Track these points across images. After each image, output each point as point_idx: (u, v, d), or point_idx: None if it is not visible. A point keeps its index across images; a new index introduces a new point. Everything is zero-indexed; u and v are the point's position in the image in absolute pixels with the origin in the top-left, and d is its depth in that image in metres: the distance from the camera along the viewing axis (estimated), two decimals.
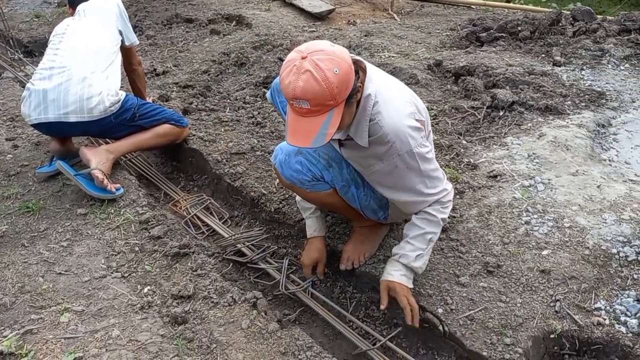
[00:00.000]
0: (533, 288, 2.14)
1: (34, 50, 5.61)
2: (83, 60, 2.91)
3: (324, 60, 1.65)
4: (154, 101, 3.66)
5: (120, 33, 3.19)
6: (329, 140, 1.73)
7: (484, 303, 2.11)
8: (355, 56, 1.88)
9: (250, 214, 3.00)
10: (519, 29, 4.75)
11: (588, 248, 2.27)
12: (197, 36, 5.41)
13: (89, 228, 2.61)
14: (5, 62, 4.89)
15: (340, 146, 2.10)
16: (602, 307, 2.04)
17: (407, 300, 2.03)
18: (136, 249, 2.49)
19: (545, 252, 2.28)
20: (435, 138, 3.19)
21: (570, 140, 3.01)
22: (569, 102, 3.49)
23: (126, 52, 3.31)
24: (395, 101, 1.92)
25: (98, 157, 2.84)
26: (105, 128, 2.97)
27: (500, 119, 3.38)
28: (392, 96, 1.92)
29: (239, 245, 2.69)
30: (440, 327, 2.05)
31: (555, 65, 4.10)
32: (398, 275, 2.04)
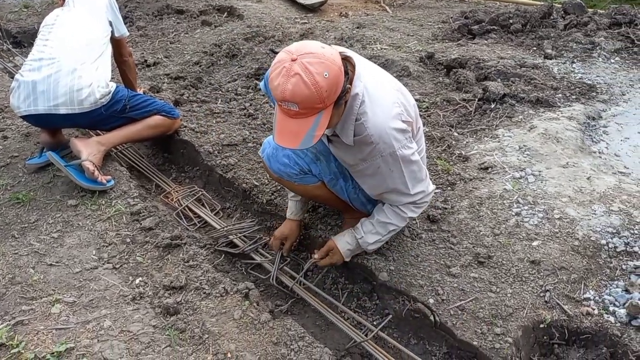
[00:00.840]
0: (523, 278, 2.16)
1: (23, 40, 5.55)
2: (72, 51, 2.88)
3: (314, 63, 1.64)
4: (144, 92, 3.64)
5: (110, 24, 3.16)
6: (315, 142, 1.74)
7: (474, 293, 2.12)
8: (345, 51, 1.88)
9: (242, 205, 3.00)
10: (511, 21, 4.77)
11: (577, 239, 2.29)
12: (188, 27, 5.38)
13: (79, 219, 2.60)
14: None
15: (328, 142, 2.10)
16: (591, 297, 2.06)
17: (329, 262, 2.29)
18: (127, 240, 2.48)
19: (535, 243, 2.30)
20: (427, 130, 3.20)
21: (561, 132, 3.03)
22: (560, 95, 3.51)
23: (116, 44, 3.28)
24: (382, 101, 1.92)
25: (89, 149, 2.83)
26: (95, 120, 2.94)
27: (492, 112, 3.40)
28: (379, 96, 1.92)
29: (231, 236, 2.69)
30: (431, 317, 2.07)
31: (547, 58, 4.12)
32: (345, 248, 2.24)
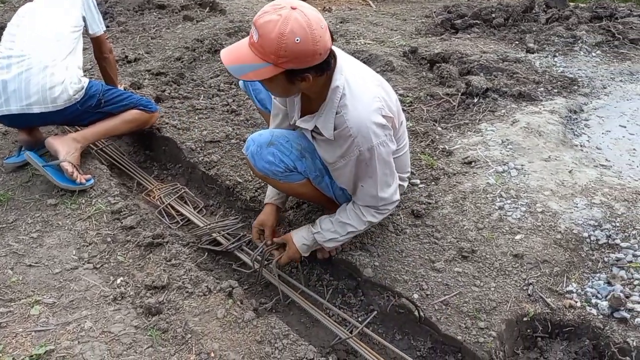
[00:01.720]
0: (506, 272, 2.16)
1: None
2: (42, 47, 2.79)
3: (298, 25, 1.64)
4: (125, 89, 3.57)
5: (84, 19, 3.08)
6: (241, 79, 1.79)
7: (458, 288, 2.13)
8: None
9: (226, 202, 2.97)
10: (493, 15, 4.78)
11: (560, 232, 2.31)
12: (170, 22, 5.31)
13: (59, 219, 2.56)
14: None
15: (312, 138, 2.09)
16: (574, 290, 2.07)
17: (284, 258, 2.29)
18: (108, 239, 2.44)
19: (518, 237, 2.31)
20: (411, 125, 3.20)
21: (543, 126, 3.04)
22: (542, 89, 3.53)
23: (95, 40, 3.22)
24: (363, 95, 1.91)
25: (66, 147, 2.77)
26: (71, 116, 2.88)
27: (475, 106, 3.40)
28: (360, 90, 1.91)
29: (214, 234, 2.66)
30: (415, 313, 2.07)
31: (529, 52, 4.14)
32: (301, 243, 2.24)
